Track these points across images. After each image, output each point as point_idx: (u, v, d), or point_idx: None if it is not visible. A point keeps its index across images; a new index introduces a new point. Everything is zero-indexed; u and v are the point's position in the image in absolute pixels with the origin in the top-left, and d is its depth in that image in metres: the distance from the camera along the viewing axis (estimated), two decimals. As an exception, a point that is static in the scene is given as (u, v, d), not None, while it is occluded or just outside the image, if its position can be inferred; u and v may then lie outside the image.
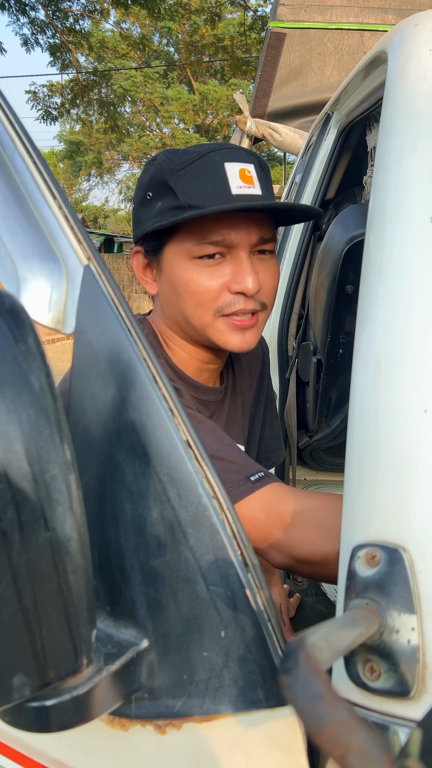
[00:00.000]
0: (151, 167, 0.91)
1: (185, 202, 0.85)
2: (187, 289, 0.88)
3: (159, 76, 23.84)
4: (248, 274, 0.87)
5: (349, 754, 0.23)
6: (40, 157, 0.56)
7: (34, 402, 0.40)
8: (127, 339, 0.51)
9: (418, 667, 0.42)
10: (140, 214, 0.92)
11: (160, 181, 0.88)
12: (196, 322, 0.90)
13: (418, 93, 0.71)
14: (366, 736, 0.24)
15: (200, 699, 0.48)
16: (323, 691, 0.25)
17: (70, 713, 0.44)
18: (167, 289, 0.92)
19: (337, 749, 0.24)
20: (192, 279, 0.88)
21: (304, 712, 0.25)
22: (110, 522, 0.51)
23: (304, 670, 0.27)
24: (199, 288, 0.87)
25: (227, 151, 0.87)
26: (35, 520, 0.39)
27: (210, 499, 0.49)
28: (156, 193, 0.89)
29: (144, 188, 0.91)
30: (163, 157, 0.90)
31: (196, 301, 0.88)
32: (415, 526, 0.46)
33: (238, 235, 0.86)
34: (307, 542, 0.74)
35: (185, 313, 0.90)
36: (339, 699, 0.26)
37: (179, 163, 0.86)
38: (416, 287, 0.57)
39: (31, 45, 13.98)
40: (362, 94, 1.29)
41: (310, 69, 3.03)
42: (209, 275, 0.87)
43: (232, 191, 0.85)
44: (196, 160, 0.86)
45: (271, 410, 1.24)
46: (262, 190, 0.88)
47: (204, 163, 0.86)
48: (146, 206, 0.91)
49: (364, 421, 0.54)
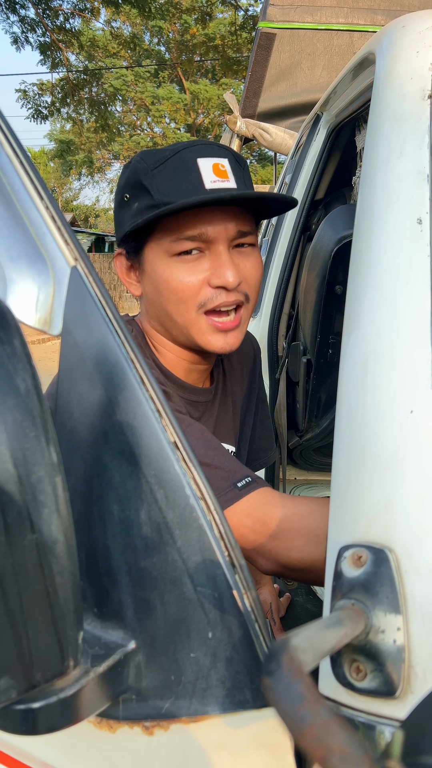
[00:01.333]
0: (128, 169, 0.92)
1: (160, 200, 0.85)
2: (167, 286, 0.88)
3: (150, 75, 23.80)
4: (227, 267, 0.87)
5: (330, 755, 0.23)
6: (26, 156, 0.55)
7: (20, 404, 0.39)
8: (114, 340, 0.51)
9: (403, 667, 0.43)
10: (119, 216, 0.93)
11: (135, 182, 0.88)
12: (180, 320, 0.90)
13: (405, 94, 0.71)
14: (347, 737, 0.24)
15: (188, 700, 0.49)
16: (305, 693, 0.25)
17: (57, 715, 0.44)
18: (150, 289, 0.92)
19: (318, 750, 0.24)
20: (172, 276, 0.88)
21: (286, 714, 0.25)
22: (97, 523, 0.51)
23: (287, 671, 0.27)
24: (179, 284, 0.87)
25: (200, 147, 0.88)
26: (21, 522, 0.39)
27: (197, 501, 0.49)
28: (132, 194, 0.89)
29: (121, 190, 0.92)
30: (137, 158, 0.90)
31: (178, 298, 0.88)
32: (401, 527, 0.46)
33: (214, 229, 0.86)
34: (294, 549, 0.74)
35: (168, 311, 0.90)
36: (321, 700, 0.26)
37: (153, 162, 0.87)
38: (403, 288, 0.57)
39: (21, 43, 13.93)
40: (351, 95, 1.30)
41: (300, 69, 3.04)
42: (189, 271, 0.87)
43: (205, 186, 0.85)
44: (169, 158, 0.86)
45: (263, 410, 1.23)
46: (237, 183, 0.88)
47: (177, 161, 0.86)
48: (124, 208, 0.91)
49: (351, 422, 0.54)
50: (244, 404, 1.14)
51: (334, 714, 0.25)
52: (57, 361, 0.54)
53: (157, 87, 23.71)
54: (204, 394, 1.01)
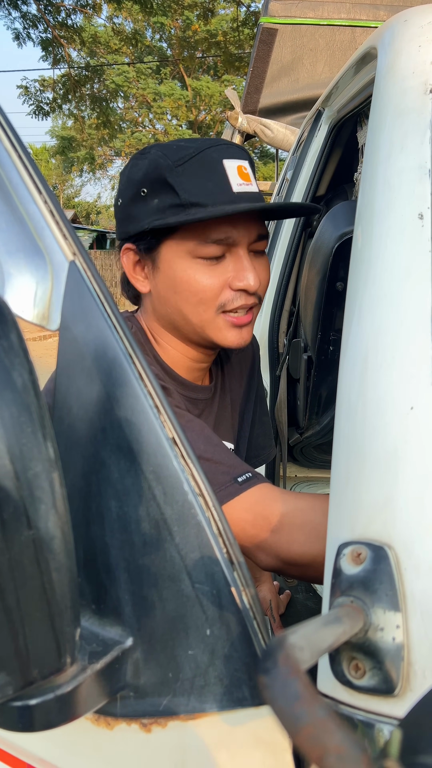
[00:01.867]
0: (143, 161, 0.89)
1: (186, 200, 0.84)
2: (188, 287, 0.88)
3: (152, 71, 23.75)
4: (250, 271, 0.88)
5: (327, 754, 0.23)
6: (25, 151, 0.55)
7: (17, 399, 0.39)
8: (112, 335, 0.51)
9: (402, 664, 0.42)
10: (132, 211, 0.90)
11: (157, 177, 0.86)
12: (197, 319, 0.90)
13: (407, 89, 0.71)
14: (344, 737, 0.24)
15: (186, 697, 0.48)
16: (302, 692, 0.25)
17: (54, 712, 0.44)
18: (164, 287, 0.91)
19: (314, 750, 0.24)
20: (194, 278, 0.87)
21: (282, 713, 0.25)
22: (95, 520, 0.50)
23: (283, 670, 0.26)
24: (201, 286, 0.87)
25: (223, 148, 0.87)
26: (17, 519, 0.39)
27: (195, 497, 0.49)
28: (152, 190, 0.87)
29: (137, 184, 0.89)
30: (157, 152, 0.88)
31: (198, 299, 0.88)
32: (401, 524, 0.46)
33: (239, 233, 0.87)
34: (295, 544, 0.74)
35: (184, 311, 0.90)
36: (317, 699, 0.25)
37: (176, 159, 0.85)
38: (404, 284, 0.57)
39: (23, 39, 13.92)
40: (353, 90, 1.29)
41: (302, 65, 3.03)
42: (210, 273, 0.87)
43: (233, 189, 0.85)
44: (193, 156, 0.85)
45: (261, 408, 1.23)
46: (257, 187, 0.89)
47: (202, 160, 0.85)
48: (140, 203, 0.89)
49: (351, 418, 0.54)
50: (242, 402, 1.14)
51: (331, 713, 0.24)
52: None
53: (158, 83, 23.66)
54: (204, 392, 1.01)
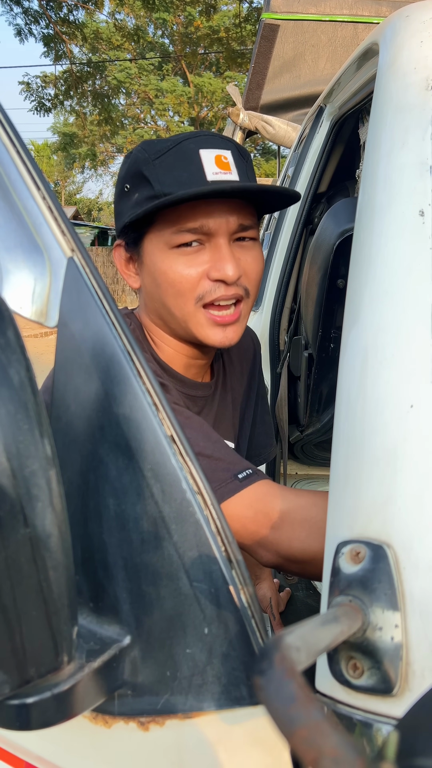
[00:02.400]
0: (129, 159, 0.90)
1: (160, 191, 0.84)
2: (166, 278, 0.87)
3: (154, 68, 23.68)
4: (227, 260, 0.85)
5: (322, 757, 0.23)
6: (23, 146, 0.55)
7: (13, 396, 0.39)
8: (111, 332, 0.50)
9: (401, 664, 0.42)
10: (119, 207, 0.92)
11: (136, 172, 0.87)
12: (178, 312, 0.89)
13: (408, 85, 0.70)
14: (339, 739, 0.23)
15: (183, 696, 0.48)
16: (297, 693, 0.25)
17: (52, 710, 0.44)
18: (148, 281, 0.91)
19: (309, 752, 0.23)
20: (171, 268, 0.86)
21: (277, 714, 0.25)
22: (93, 518, 0.50)
23: (279, 671, 0.26)
24: (177, 276, 0.86)
25: (203, 138, 0.86)
26: (14, 516, 0.38)
27: (194, 495, 0.48)
28: (133, 185, 0.88)
29: (122, 180, 0.91)
30: (139, 148, 0.89)
31: (176, 291, 0.87)
32: (400, 523, 0.46)
33: (215, 222, 0.85)
34: (296, 541, 0.74)
35: (166, 303, 0.89)
36: (313, 701, 0.25)
37: (154, 152, 0.86)
38: (405, 281, 0.56)
39: (25, 35, 13.91)
40: (355, 86, 1.28)
41: (304, 61, 3.01)
42: (188, 263, 0.86)
43: (207, 177, 0.84)
44: (171, 148, 0.85)
45: (262, 406, 1.23)
46: (240, 176, 0.86)
47: (179, 151, 0.85)
48: (124, 198, 0.90)
49: (350, 416, 0.53)
50: (243, 400, 1.13)
51: (327, 715, 0.24)
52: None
53: (160, 80, 23.60)
54: (203, 389, 1.01)
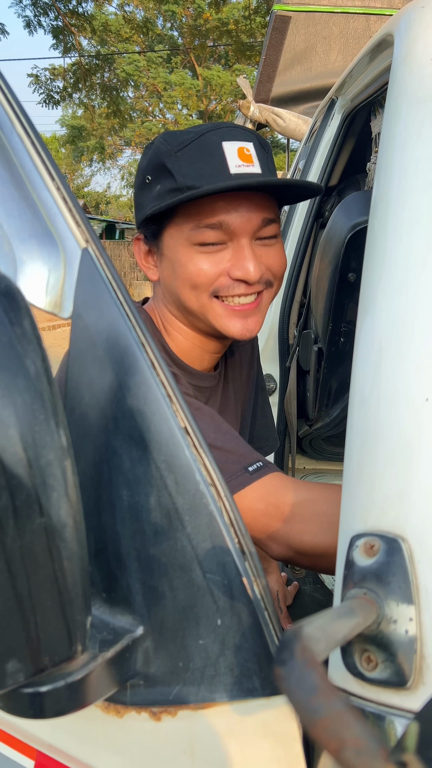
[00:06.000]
0: (150, 150, 0.90)
1: (183, 184, 0.83)
2: (185, 271, 0.87)
3: (162, 60, 23.59)
4: (249, 260, 0.85)
5: (345, 747, 0.23)
6: (38, 137, 0.55)
7: (30, 386, 0.39)
8: (125, 323, 0.50)
9: (415, 657, 0.42)
10: (140, 199, 0.91)
11: (158, 164, 0.86)
12: (193, 304, 0.89)
13: (424, 76, 0.70)
14: (362, 730, 0.23)
15: (196, 687, 0.48)
16: (319, 683, 0.25)
17: (65, 699, 0.44)
18: (167, 274, 0.91)
19: (332, 742, 0.23)
20: (191, 261, 0.86)
21: (299, 704, 0.25)
22: (107, 509, 0.50)
23: (300, 661, 0.26)
24: (197, 270, 0.86)
25: (225, 130, 0.85)
26: (30, 506, 0.39)
27: (207, 487, 0.48)
28: (154, 176, 0.87)
29: (143, 172, 0.90)
30: (161, 139, 0.88)
31: (192, 284, 0.87)
32: (415, 516, 0.46)
33: (238, 219, 0.84)
34: (307, 534, 0.73)
35: (182, 296, 0.89)
36: (335, 691, 0.25)
37: (177, 144, 0.84)
38: (419, 274, 0.56)
39: (34, 27, 13.90)
40: (367, 78, 1.27)
41: (315, 53, 2.99)
42: (208, 260, 0.86)
43: (230, 170, 0.83)
44: (193, 140, 0.84)
45: (263, 398, 1.23)
46: (262, 168, 0.86)
47: (201, 143, 0.84)
48: (146, 190, 0.89)
49: (364, 410, 0.53)
50: (243, 391, 1.14)
51: (349, 705, 0.24)
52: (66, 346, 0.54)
53: (169, 72, 23.50)
54: (209, 380, 1.01)
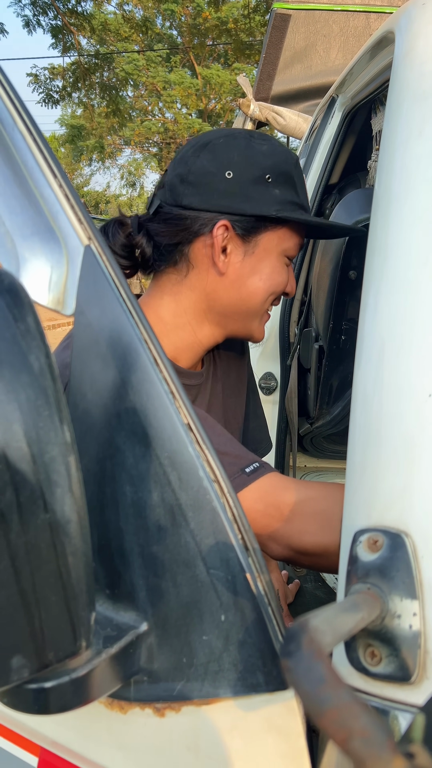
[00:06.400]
0: (264, 146, 0.89)
1: (301, 202, 0.91)
2: (272, 278, 0.93)
3: (161, 59, 23.56)
4: (294, 279, 0.99)
5: (352, 738, 0.23)
6: (40, 134, 0.55)
7: (34, 382, 0.39)
8: (128, 320, 0.50)
9: (419, 652, 0.42)
10: (250, 191, 0.88)
11: (283, 171, 0.89)
12: (257, 308, 0.94)
13: (425, 73, 0.70)
14: (369, 720, 0.23)
15: (199, 682, 0.48)
16: (326, 674, 0.25)
17: (69, 695, 0.44)
18: (245, 272, 0.91)
19: (339, 733, 0.23)
20: (281, 272, 0.94)
21: (307, 696, 0.25)
22: (110, 505, 0.50)
23: (307, 653, 0.26)
24: (282, 281, 0.94)
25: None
26: (34, 502, 0.39)
27: (211, 483, 0.48)
28: (275, 180, 0.89)
29: (263, 168, 0.87)
30: (280, 146, 0.92)
31: (273, 291, 0.94)
32: (418, 511, 0.46)
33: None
34: (307, 534, 0.73)
35: (252, 297, 0.93)
36: (342, 683, 0.25)
37: (294, 159, 0.92)
38: (422, 271, 0.56)
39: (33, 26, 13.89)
40: (368, 76, 1.27)
41: (315, 51, 2.99)
42: (287, 274, 0.96)
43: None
44: (297, 162, 0.93)
45: (255, 400, 1.21)
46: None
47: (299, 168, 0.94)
48: (262, 186, 0.88)
49: (367, 405, 0.53)
50: (233, 392, 1.13)
51: (356, 696, 0.24)
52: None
53: (168, 72, 23.47)
54: (196, 378, 1.00)
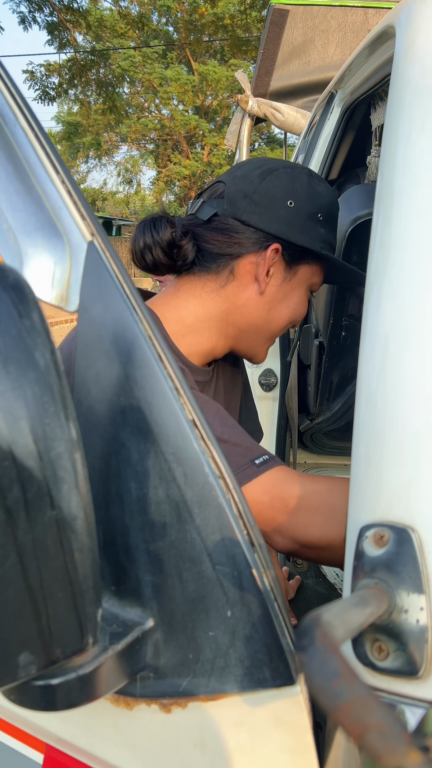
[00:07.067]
0: (322, 187, 0.96)
1: (335, 245, 1.00)
2: (298, 308, 0.99)
3: (158, 56, 23.50)
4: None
5: (368, 731, 0.23)
6: (42, 130, 0.54)
7: (39, 379, 0.39)
8: (131, 316, 0.50)
9: (426, 647, 0.42)
10: (304, 224, 0.94)
11: (331, 213, 0.97)
12: (276, 334, 1.01)
13: (426, 67, 0.70)
14: (384, 714, 0.23)
15: (206, 678, 0.48)
16: (340, 668, 0.25)
17: (76, 692, 0.44)
18: (278, 297, 0.97)
19: (355, 727, 0.23)
20: (303, 304, 1.00)
21: (322, 690, 0.25)
22: (115, 501, 0.50)
23: (321, 647, 0.26)
24: (300, 312, 1.00)
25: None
26: (41, 498, 0.39)
27: (216, 479, 0.48)
28: (324, 220, 0.96)
29: (318, 207, 0.94)
30: (329, 187, 0.99)
31: (295, 320, 1.01)
32: (424, 506, 0.46)
33: None
34: (312, 527, 0.74)
35: (276, 322, 0.99)
36: (356, 676, 0.25)
37: (338, 205, 1.01)
38: (425, 266, 0.56)
39: (29, 23, 13.83)
40: (367, 71, 1.27)
41: (314, 47, 2.98)
42: (306, 306, 1.02)
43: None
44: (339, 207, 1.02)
45: (246, 394, 1.24)
46: None
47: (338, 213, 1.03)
48: (312, 223, 0.94)
49: (371, 401, 0.53)
50: (231, 387, 1.15)
51: (371, 690, 0.24)
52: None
53: (165, 68, 23.40)
54: (204, 374, 1.02)
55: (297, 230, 0.93)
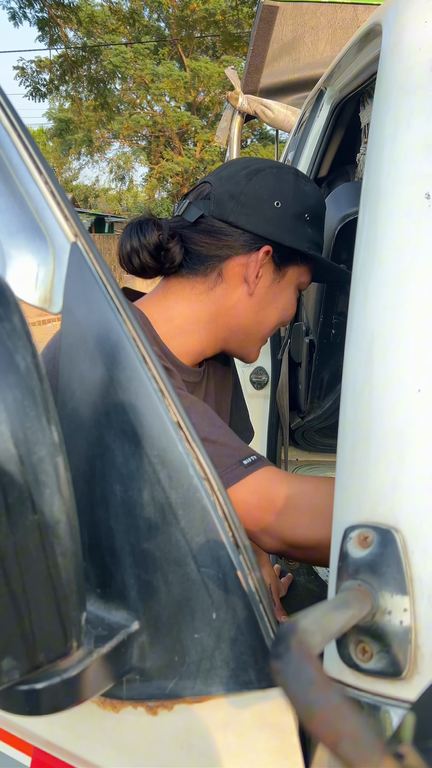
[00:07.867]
0: (308, 187, 0.96)
1: (321, 245, 0.99)
2: (287, 308, 1.00)
3: (149, 52, 23.39)
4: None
5: (341, 739, 0.23)
6: (25, 130, 0.54)
7: (20, 382, 0.39)
8: (115, 318, 0.50)
9: (410, 647, 0.42)
10: (293, 225, 0.94)
11: (318, 214, 0.97)
12: (266, 333, 1.01)
13: (413, 66, 0.69)
14: (358, 722, 0.23)
15: (192, 680, 0.48)
16: (315, 677, 0.25)
17: (61, 696, 0.44)
18: (269, 298, 0.97)
19: (328, 735, 0.23)
20: (292, 304, 1.01)
21: (296, 698, 0.25)
22: (100, 504, 0.50)
23: (296, 654, 0.26)
24: (290, 313, 1.01)
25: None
26: (22, 503, 0.38)
27: (201, 481, 0.48)
28: (312, 220, 0.96)
29: (305, 208, 0.94)
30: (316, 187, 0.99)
31: (284, 320, 1.01)
32: (408, 507, 0.46)
33: None
34: (300, 527, 0.74)
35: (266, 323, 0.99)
36: (331, 684, 0.25)
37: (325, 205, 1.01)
38: (410, 265, 0.56)
39: (19, 19, 13.75)
40: (356, 68, 1.27)
41: (303, 44, 2.97)
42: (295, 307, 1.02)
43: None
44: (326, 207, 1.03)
45: (237, 393, 1.24)
46: None
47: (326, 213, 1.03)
48: (300, 223, 0.94)
49: (356, 401, 0.53)
50: (222, 388, 1.15)
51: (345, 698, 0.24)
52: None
53: (156, 64, 23.31)
54: (195, 375, 1.01)
55: (284, 231, 0.92)
